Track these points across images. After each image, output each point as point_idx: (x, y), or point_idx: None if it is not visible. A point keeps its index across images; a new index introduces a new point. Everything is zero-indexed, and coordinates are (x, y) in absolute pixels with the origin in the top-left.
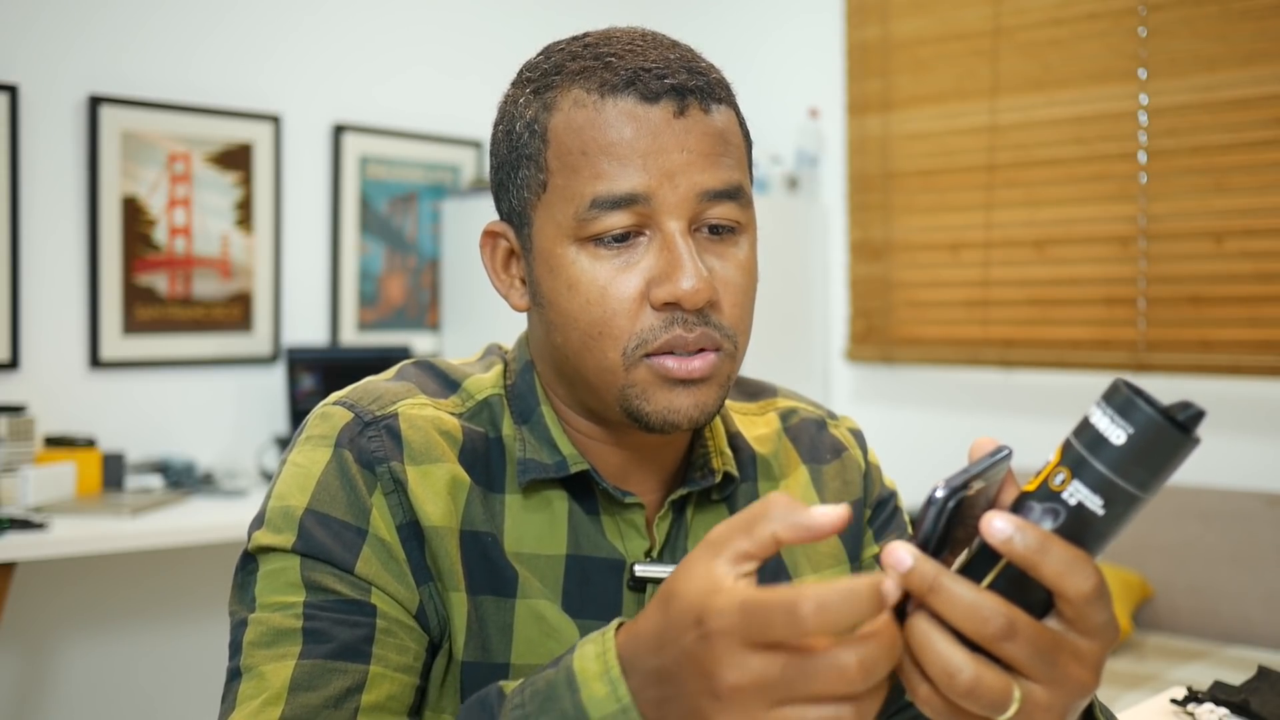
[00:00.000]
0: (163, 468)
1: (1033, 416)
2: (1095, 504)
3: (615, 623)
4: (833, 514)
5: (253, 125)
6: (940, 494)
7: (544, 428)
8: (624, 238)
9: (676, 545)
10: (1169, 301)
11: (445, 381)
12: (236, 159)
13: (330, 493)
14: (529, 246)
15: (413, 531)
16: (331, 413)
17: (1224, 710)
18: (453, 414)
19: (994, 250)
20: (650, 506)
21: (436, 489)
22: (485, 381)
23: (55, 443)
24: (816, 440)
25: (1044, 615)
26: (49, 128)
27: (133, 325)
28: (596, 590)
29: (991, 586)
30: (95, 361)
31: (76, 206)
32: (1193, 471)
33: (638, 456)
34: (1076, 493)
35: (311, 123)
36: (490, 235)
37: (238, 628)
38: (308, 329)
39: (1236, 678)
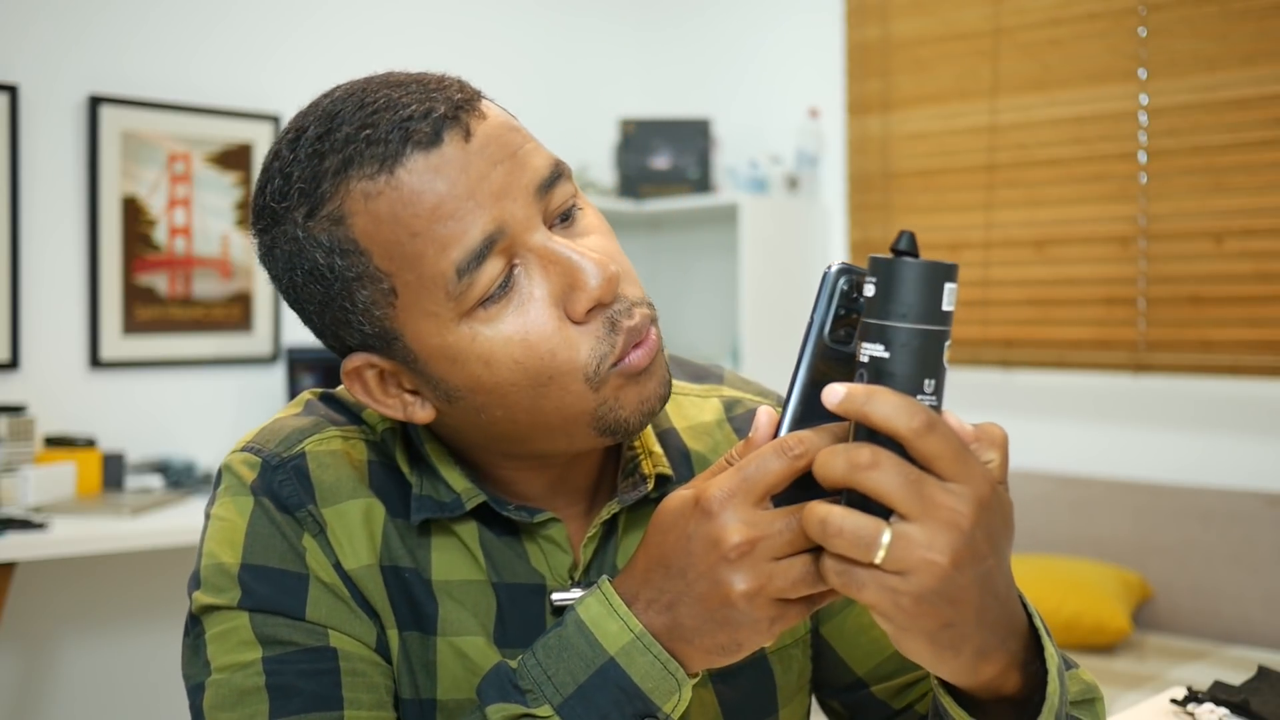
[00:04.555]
0: (163, 468)
1: (1033, 416)
2: (879, 351)
3: (605, 575)
4: (760, 418)
5: (253, 125)
6: (833, 268)
7: (432, 467)
8: (505, 282)
9: (604, 560)
10: (1169, 301)
11: (349, 414)
12: (236, 159)
13: (261, 543)
14: (410, 357)
15: (343, 574)
16: (240, 460)
17: (1224, 710)
18: (364, 440)
19: (994, 250)
20: (575, 518)
21: (352, 529)
22: (377, 414)
23: (55, 443)
24: None
25: None
26: (49, 128)
27: (133, 325)
28: (523, 617)
29: None
30: (95, 361)
31: (76, 206)
32: (1193, 471)
33: (563, 473)
34: (866, 351)
35: None
36: (353, 374)
37: (194, 692)
38: (307, 329)
39: (1236, 678)
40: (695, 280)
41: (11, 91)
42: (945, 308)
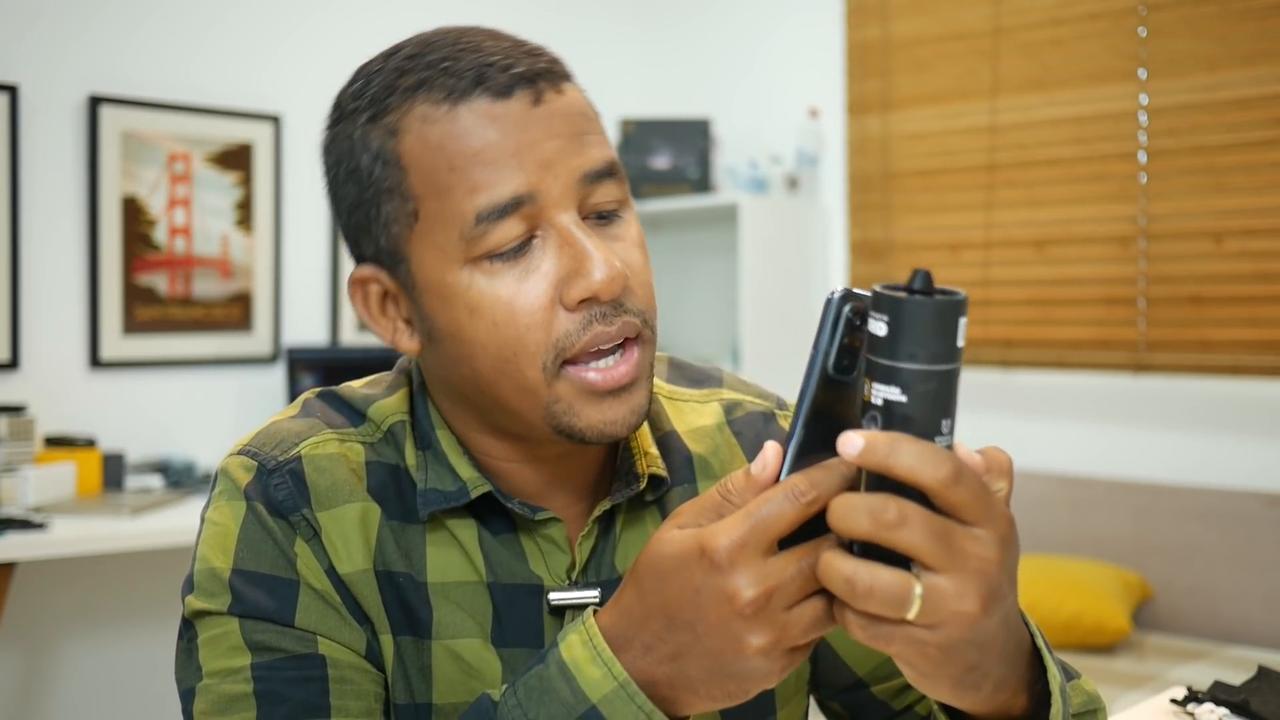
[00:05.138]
0: (163, 468)
1: (1033, 416)
2: (896, 394)
3: (591, 608)
4: (767, 452)
5: (253, 125)
6: (836, 295)
7: (442, 454)
8: (520, 247)
9: (602, 560)
10: (1169, 301)
11: (350, 411)
12: (236, 159)
13: (252, 549)
14: (411, 283)
15: (336, 579)
16: (236, 464)
17: (1224, 710)
18: (362, 442)
19: (994, 250)
20: (575, 518)
21: (348, 533)
22: (388, 407)
23: (55, 443)
24: (763, 435)
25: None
26: (49, 128)
27: (133, 325)
28: (519, 618)
29: None
30: (95, 361)
31: (76, 206)
32: (1193, 471)
33: (559, 470)
34: (879, 393)
35: (312, 123)
36: (358, 283)
37: (186, 697)
38: (308, 329)
39: (1236, 678)
40: (695, 280)
41: (11, 91)
42: (959, 344)
